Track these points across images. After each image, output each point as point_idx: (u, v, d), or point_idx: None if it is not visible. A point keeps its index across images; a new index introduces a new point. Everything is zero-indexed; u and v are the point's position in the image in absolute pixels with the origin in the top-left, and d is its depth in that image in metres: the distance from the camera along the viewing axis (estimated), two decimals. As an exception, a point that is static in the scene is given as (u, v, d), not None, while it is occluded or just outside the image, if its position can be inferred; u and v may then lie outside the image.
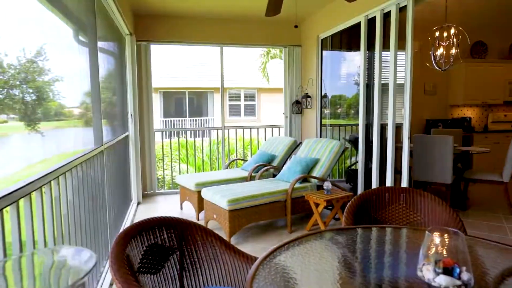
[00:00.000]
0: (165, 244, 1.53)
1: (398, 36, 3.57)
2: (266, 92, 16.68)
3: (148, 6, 4.75)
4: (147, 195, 5.38)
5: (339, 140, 5.35)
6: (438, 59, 4.76)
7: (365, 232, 1.62)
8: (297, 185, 3.76)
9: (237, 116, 17.72)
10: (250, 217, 3.45)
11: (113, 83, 3.97)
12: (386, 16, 3.73)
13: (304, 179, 3.93)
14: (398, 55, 3.61)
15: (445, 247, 1.10)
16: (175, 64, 15.65)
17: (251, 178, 4.36)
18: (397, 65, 3.62)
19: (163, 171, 6.29)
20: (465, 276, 1.05)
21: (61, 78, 2.25)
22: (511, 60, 6.50)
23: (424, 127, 6.42)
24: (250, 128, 6.08)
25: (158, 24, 5.22)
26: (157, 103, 16.18)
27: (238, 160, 5.77)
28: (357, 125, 4.41)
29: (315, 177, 3.83)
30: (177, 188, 5.00)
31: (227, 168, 5.18)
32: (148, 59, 5.26)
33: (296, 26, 3.82)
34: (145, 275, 1.40)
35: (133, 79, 4.78)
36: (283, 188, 3.66)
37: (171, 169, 5.84)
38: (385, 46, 3.76)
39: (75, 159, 2.05)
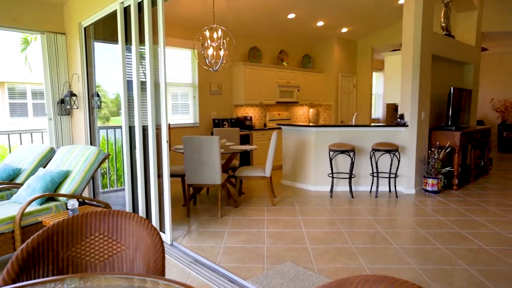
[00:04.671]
0: None
1: (152, 30, 3.25)
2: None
3: None
4: None
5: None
6: (209, 59, 4.80)
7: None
8: (34, 207, 2.94)
9: (24, 117, 14.56)
10: None
11: None
12: (141, 7, 3.35)
13: (50, 198, 3.14)
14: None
15: None
16: None
17: (-23, 203, 3.23)
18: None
19: None
20: None
21: None
22: (280, 66, 7.42)
23: (212, 126, 6.57)
24: (-2, 135, 4.70)
25: None
26: None
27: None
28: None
29: (61, 195, 3.09)
30: None
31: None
32: None
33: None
34: None
35: None
36: (9, 215, 2.77)
37: None
38: (142, 40, 3.39)
39: None
